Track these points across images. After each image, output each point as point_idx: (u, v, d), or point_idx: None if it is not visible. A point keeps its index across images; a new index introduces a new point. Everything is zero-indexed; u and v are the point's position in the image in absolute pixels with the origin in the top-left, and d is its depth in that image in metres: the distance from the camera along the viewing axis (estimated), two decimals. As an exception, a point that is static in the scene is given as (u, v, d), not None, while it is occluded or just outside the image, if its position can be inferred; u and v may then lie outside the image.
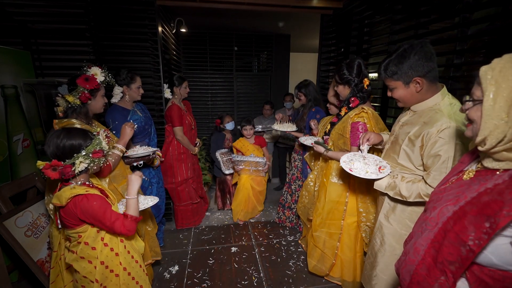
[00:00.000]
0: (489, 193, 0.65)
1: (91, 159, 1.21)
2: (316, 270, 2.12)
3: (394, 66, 1.20)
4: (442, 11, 1.81)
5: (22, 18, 2.43)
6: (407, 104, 1.30)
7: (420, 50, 1.14)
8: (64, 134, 1.20)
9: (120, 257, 1.33)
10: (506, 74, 0.62)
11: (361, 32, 2.57)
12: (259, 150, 3.04)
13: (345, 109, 1.84)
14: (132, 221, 1.29)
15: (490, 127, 0.64)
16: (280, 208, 3.01)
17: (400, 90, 1.25)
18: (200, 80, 4.28)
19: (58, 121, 1.55)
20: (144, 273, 1.48)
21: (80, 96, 1.53)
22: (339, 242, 1.94)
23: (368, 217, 1.83)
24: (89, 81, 1.55)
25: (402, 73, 1.19)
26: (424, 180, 1.18)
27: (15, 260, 1.96)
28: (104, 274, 1.28)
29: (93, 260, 1.26)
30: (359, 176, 1.33)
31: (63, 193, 1.17)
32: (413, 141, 1.22)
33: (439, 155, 1.12)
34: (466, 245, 0.67)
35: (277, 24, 3.78)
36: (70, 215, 1.20)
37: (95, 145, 1.24)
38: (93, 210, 1.19)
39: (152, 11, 2.49)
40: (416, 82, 1.18)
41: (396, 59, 1.20)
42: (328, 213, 1.94)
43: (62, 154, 1.18)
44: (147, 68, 2.64)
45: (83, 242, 1.24)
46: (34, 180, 2.16)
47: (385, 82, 1.29)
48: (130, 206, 1.33)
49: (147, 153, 1.96)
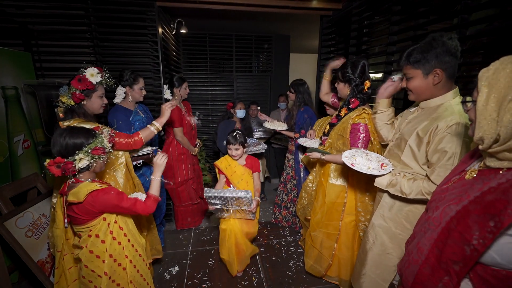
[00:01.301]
0: (493, 192, 0.66)
1: (91, 156, 1.24)
2: (312, 270, 2.12)
3: (418, 54, 1.18)
4: (441, 12, 1.82)
5: (23, 20, 2.43)
6: (419, 97, 1.28)
7: (448, 42, 1.13)
8: (67, 133, 1.23)
9: (125, 250, 1.38)
10: (498, 76, 0.65)
11: (361, 33, 2.58)
12: (249, 175, 2.21)
13: (345, 110, 1.84)
14: (153, 200, 1.41)
15: (484, 126, 0.67)
16: (276, 208, 3.01)
17: (417, 80, 1.23)
18: (200, 81, 4.28)
19: (62, 123, 1.56)
20: (148, 269, 1.51)
21: (72, 96, 1.55)
22: (336, 242, 1.94)
23: (367, 217, 1.83)
24: (81, 82, 1.56)
25: (425, 62, 1.17)
26: (428, 177, 1.17)
27: (15, 260, 1.96)
28: (112, 267, 1.32)
29: (101, 254, 1.30)
30: (361, 171, 1.32)
31: (80, 189, 1.22)
32: (421, 137, 1.21)
33: (446, 151, 1.11)
34: (470, 245, 0.67)
35: (277, 25, 3.78)
36: (85, 211, 1.25)
37: (97, 143, 1.26)
38: (112, 199, 1.27)
39: (152, 12, 2.49)
40: (435, 73, 1.17)
41: (422, 47, 1.18)
42: (326, 214, 1.94)
43: (65, 152, 1.22)
44: (147, 69, 2.64)
45: (94, 235, 1.29)
46: (35, 181, 2.16)
47: (404, 70, 1.28)
48: (154, 186, 1.47)
49: (147, 151, 1.98)
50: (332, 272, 2.04)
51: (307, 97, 2.65)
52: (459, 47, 1.14)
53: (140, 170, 2.17)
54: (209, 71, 4.34)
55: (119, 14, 2.49)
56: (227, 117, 3.20)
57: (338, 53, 3.07)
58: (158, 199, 1.44)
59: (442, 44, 1.13)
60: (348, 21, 2.71)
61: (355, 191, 1.85)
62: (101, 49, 2.52)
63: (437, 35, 1.16)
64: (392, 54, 2.17)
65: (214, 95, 4.37)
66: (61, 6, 2.41)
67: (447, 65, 1.15)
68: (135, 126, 2.11)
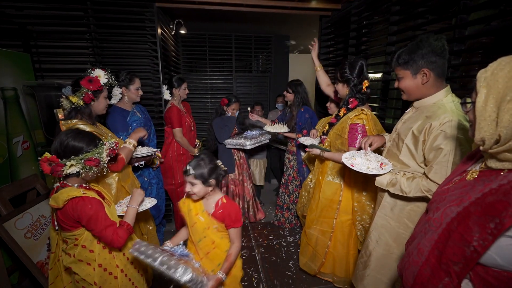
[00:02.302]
0: (494, 193, 0.66)
1: (82, 165, 1.20)
2: (306, 268, 2.15)
3: (406, 55, 1.24)
4: (439, 12, 1.82)
5: (22, 21, 2.42)
6: (411, 96, 1.32)
7: (433, 43, 1.17)
8: (72, 135, 1.21)
9: (116, 259, 1.33)
10: (496, 77, 0.65)
11: (360, 33, 2.59)
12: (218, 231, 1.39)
13: (344, 110, 1.85)
14: (126, 230, 1.29)
15: (483, 128, 0.67)
16: (278, 210, 2.99)
17: (407, 80, 1.28)
18: (200, 82, 4.28)
19: (64, 122, 1.57)
20: (141, 276, 1.48)
21: (83, 97, 1.57)
22: (330, 240, 1.95)
23: (363, 216, 1.84)
24: (93, 83, 1.60)
25: (412, 62, 1.23)
26: (426, 175, 1.19)
27: (15, 261, 1.96)
28: (102, 276, 1.28)
29: (92, 263, 1.26)
30: (360, 171, 1.33)
31: (60, 195, 1.17)
32: (416, 136, 1.24)
33: (441, 148, 1.13)
34: (470, 246, 0.67)
35: (276, 25, 3.78)
36: (67, 217, 1.20)
37: (95, 153, 1.23)
38: (87, 213, 1.18)
39: (152, 13, 2.49)
40: (423, 73, 1.21)
41: (409, 49, 1.24)
42: (322, 211, 1.96)
43: (62, 152, 1.19)
44: (147, 69, 2.64)
45: (80, 245, 1.24)
46: (34, 182, 2.15)
47: (395, 71, 1.33)
48: (129, 214, 1.37)
49: (149, 153, 1.97)
50: (326, 269, 2.06)
51: (305, 97, 2.65)
52: (446, 47, 1.18)
53: (138, 171, 2.17)
54: (208, 72, 4.34)
55: (118, 15, 2.49)
56: (219, 114, 2.96)
57: (338, 53, 3.08)
58: (132, 231, 1.33)
59: (428, 45, 1.18)
60: (347, 22, 2.71)
61: (351, 190, 1.86)
62: (101, 50, 2.52)
63: (424, 36, 1.21)
64: (391, 54, 2.16)
65: (213, 96, 4.36)
66: (60, 7, 2.42)
67: (434, 65, 1.19)
68: (132, 127, 2.11)
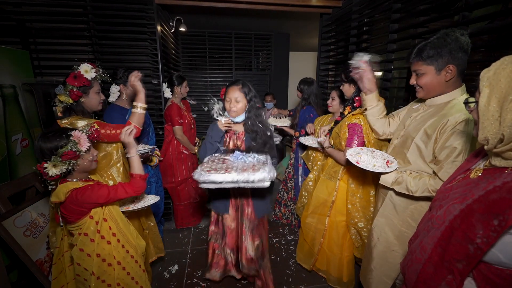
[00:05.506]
0: (498, 191, 0.65)
1: (62, 162, 1.20)
2: (302, 262, 2.21)
3: (432, 50, 1.15)
4: (441, 10, 1.81)
5: (21, 17, 2.40)
6: (429, 93, 1.25)
7: (461, 38, 1.12)
8: (40, 138, 1.22)
9: (113, 250, 1.34)
10: (498, 77, 0.65)
11: (360, 30, 2.58)
12: None
13: (349, 108, 1.84)
14: (140, 179, 1.33)
15: (487, 127, 0.67)
16: (276, 205, 3.02)
17: (429, 76, 1.20)
18: (200, 79, 4.27)
19: (60, 121, 1.55)
20: (144, 273, 1.47)
21: (70, 94, 1.53)
22: (322, 238, 1.98)
23: (355, 220, 1.81)
24: (77, 79, 1.54)
25: (438, 57, 1.15)
26: (436, 174, 1.17)
27: (14, 259, 1.95)
28: (101, 267, 1.30)
29: (92, 253, 1.28)
30: (366, 169, 1.31)
31: (60, 189, 1.21)
32: (429, 134, 1.20)
33: (455, 147, 1.10)
34: (474, 243, 0.67)
35: (276, 23, 3.76)
36: (70, 210, 1.23)
37: (68, 148, 1.21)
38: (91, 193, 1.23)
39: (151, 10, 2.48)
40: (448, 69, 1.15)
41: (435, 43, 1.15)
42: (317, 206, 1.98)
43: (42, 156, 1.20)
44: (146, 67, 2.63)
45: (83, 233, 1.27)
46: (33, 180, 2.14)
47: (414, 66, 1.24)
48: (134, 165, 1.38)
49: (146, 150, 1.98)
50: (320, 265, 2.08)
51: (313, 99, 2.59)
52: (470, 44, 1.13)
53: None
54: (208, 69, 4.33)
55: (118, 12, 2.47)
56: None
57: (338, 51, 3.06)
58: (145, 176, 1.37)
59: (455, 40, 1.12)
60: (348, 19, 2.70)
61: (346, 191, 1.84)
62: (100, 47, 2.51)
63: (449, 30, 1.14)
64: (392, 52, 2.16)
65: (213, 94, 4.35)
66: (59, 3, 2.40)
67: (459, 61, 1.14)
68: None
